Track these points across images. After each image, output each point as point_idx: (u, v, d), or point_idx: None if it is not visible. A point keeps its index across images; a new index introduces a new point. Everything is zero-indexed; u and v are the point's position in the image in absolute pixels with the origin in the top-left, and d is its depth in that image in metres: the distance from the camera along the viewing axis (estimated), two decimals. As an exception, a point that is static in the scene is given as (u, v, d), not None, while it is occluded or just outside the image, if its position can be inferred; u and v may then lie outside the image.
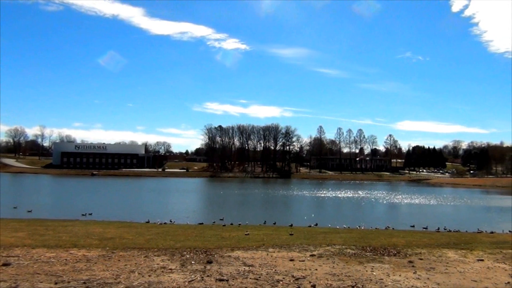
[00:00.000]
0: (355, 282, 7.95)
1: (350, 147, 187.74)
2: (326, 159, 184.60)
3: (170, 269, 8.87)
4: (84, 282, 7.59)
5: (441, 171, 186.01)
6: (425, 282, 8.15)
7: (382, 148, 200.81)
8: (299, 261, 10.10)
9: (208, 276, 8.24)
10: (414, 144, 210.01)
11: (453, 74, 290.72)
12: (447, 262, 10.34)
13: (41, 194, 60.96)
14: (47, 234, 16.28)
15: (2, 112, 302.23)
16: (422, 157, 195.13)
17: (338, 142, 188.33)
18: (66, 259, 9.88)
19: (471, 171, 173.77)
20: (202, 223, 27.53)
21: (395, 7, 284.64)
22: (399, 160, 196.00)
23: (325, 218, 34.99)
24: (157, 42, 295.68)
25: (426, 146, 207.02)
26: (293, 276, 8.38)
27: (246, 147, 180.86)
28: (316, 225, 27.75)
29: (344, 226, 27.35)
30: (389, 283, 7.96)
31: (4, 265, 8.96)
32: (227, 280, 7.93)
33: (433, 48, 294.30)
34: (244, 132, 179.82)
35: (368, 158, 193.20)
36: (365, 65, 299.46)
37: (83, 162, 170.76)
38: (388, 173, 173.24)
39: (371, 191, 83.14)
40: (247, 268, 9.15)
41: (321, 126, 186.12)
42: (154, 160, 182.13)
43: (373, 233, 20.78)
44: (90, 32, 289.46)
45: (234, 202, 56.90)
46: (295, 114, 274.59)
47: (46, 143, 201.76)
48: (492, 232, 24.44)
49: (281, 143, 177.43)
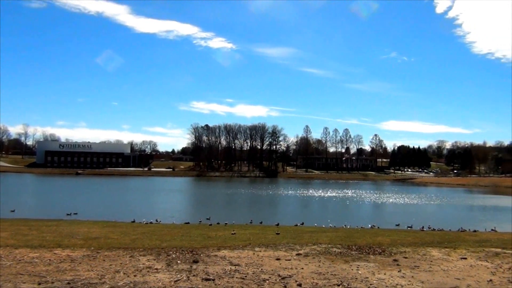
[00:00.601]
0: (341, 281, 8.00)
1: (336, 147, 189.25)
2: (313, 159, 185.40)
3: (156, 269, 8.82)
4: (68, 283, 7.50)
5: (425, 171, 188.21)
6: (409, 280, 8.24)
7: (367, 147, 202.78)
8: (285, 260, 10.13)
9: (194, 275, 8.21)
10: (399, 143, 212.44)
11: (437, 74, 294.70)
12: (431, 261, 10.47)
13: (24, 194, 60.08)
14: (31, 234, 16.04)
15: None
16: (407, 156, 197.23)
17: (324, 141, 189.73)
18: (50, 259, 9.76)
19: (455, 171, 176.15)
20: (188, 223, 27.41)
21: (381, 8, 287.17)
22: (385, 159, 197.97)
23: (311, 217, 35.14)
24: (142, 41, 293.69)
25: (411, 146, 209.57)
26: (279, 275, 8.40)
27: (233, 147, 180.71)
28: (302, 224, 27.85)
29: (330, 225, 27.50)
30: (374, 282, 8.03)
31: (-14, 265, 8.82)
32: (213, 279, 7.91)
33: (417, 48, 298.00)
34: (230, 131, 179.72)
35: (354, 158, 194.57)
36: (351, 65, 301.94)
37: (68, 161, 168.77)
38: (373, 172, 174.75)
39: (357, 191, 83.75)
40: (233, 267, 9.15)
41: (307, 126, 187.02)
42: (140, 159, 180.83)
43: (358, 232, 20.93)
44: (74, 29, 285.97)
45: (220, 201, 56.80)
46: (282, 113, 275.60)
47: (29, 142, 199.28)
48: (475, 230, 24.78)
49: (267, 143, 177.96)
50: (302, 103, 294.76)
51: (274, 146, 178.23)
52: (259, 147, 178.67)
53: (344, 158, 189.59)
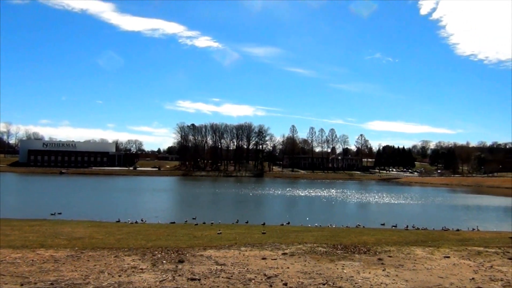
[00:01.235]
0: (326, 280, 8.05)
1: (322, 147, 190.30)
2: (299, 158, 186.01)
3: (141, 269, 8.76)
4: (51, 283, 7.41)
5: (410, 170, 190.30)
6: (393, 279, 8.33)
7: (353, 147, 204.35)
8: (271, 259, 10.15)
9: (179, 275, 8.18)
10: (384, 143, 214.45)
11: (421, 75, 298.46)
12: (415, 259, 10.59)
13: (6, 193, 59.01)
14: (13, 234, 15.81)
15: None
16: (392, 156, 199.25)
17: (310, 141, 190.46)
18: (32, 260, 9.63)
19: (439, 171, 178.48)
20: (174, 222, 27.28)
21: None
22: (370, 159, 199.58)
23: (297, 217, 35.24)
24: (127, 39, 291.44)
25: (396, 146, 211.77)
26: (265, 274, 8.41)
27: (219, 146, 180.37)
28: (288, 223, 27.92)
29: (316, 224, 27.58)
30: (359, 280, 8.10)
31: (-34, 266, 8.66)
32: (199, 279, 7.89)
33: (402, 49, 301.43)
34: (217, 130, 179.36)
35: (339, 158, 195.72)
36: (336, 65, 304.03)
37: (51, 160, 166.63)
38: (359, 172, 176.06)
39: (343, 190, 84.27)
40: (219, 267, 9.14)
41: (293, 126, 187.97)
42: (125, 158, 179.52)
43: (344, 231, 21.07)
44: (57, 27, 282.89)
45: (206, 201, 56.64)
46: (268, 113, 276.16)
47: (12, 141, 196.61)
48: (458, 230, 25.11)
49: (254, 142, 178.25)
50: (288, 103, 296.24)
51: (261, 146, 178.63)
52: (246, 147, 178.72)
53: (330, 158, 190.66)
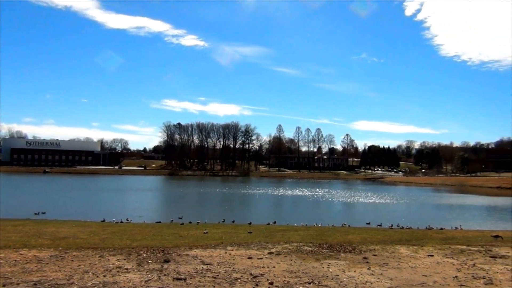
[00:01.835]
0: (312, 279, 8.09)
1: (308, 146, 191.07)
2: (285, 158, 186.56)
3: (126, 268, 8.70)
4: (34, 284, 7.31)
5: (394, 170, 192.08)
6: (378, 278, 8.40)
7: (339, 147, 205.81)
8: (257, 258, 10.16)
9: (165, 275, 8.14)
10: (369, 143, 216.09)
11: (406, 76, 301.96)
12: (400, 258, 10.71)
13: (-12, 193, 58.03)
14: (-5, 234, 15.55)
15: None
16: (377, 156, 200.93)
17: (297, 141, 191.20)
18: (15, 260, 9.49)
19: (423, 170, 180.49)
20: (159, 222, 27.13)
21: (351, 10, 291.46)
22: (356, 159, 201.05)
23: (283, 216, 35.34)
24: (113, 36, 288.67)
25: (381, 146, 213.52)
26: (251, 273, 8.42)
27: (206, 145, 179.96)
28: (274, 223, 27.96)
29: (302, 223, 27.66)
30: (344, 279, 8.15)
31: None
32: (185, 279, 7.86)
33: (387, 50, 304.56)
34: (203, 130, 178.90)
35: (325, 157, 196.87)
36: (322, 65, 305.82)
37: (35, 159, 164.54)
38: (345, 171, 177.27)
39: (329, 189, 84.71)
40: (205, 266, 9.12)
41: (280, 125, 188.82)
42: (110, 157, 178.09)
43: (330, 230, 21.18)
44: (41, 24, 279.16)
45: (192, 200, 56.42)
46: (254, 112, 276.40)
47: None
48: (441, 228, 25.44)
49: (240, 142, 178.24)
50: (274, 103, 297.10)
51: (247, 145, 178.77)
52: (232, 146, 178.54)
53: (316, 157, 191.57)
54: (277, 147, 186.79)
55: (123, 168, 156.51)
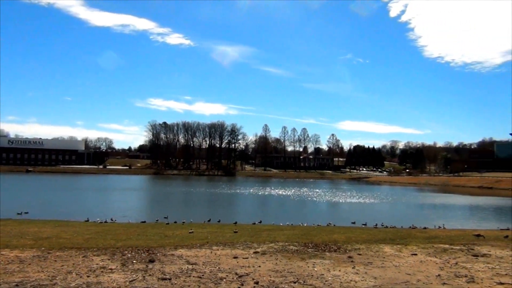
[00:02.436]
0: (297, 278, 8.12)
1: (294, 146, 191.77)
2: (271, 157, 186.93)
3: (110, 269, 8.62)
4: (16, 285, 7.19)
5: (379, 170, 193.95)
6: (363, 276, 8.47)
7: (325, 147, 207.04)
8: (243, 258, 10.16)
9: (150, 275, 8.09)
10: (355, 143, 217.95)
11: (390, 76, 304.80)
12: (384, 257, 10.81)
13: (-31, 192, 56.93)
14: (-24, 234, 15.26)
15: None
16: (362, 156, 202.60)
17: (283, 140, 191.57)
18: (-4, 261, 9.32)
19: (407, 170, 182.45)
20: (144, 222, 26.94)
21: (336, 9, 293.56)
22: (341, 158, 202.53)
23: (269, 216, 35.38)
24: (97, 34, 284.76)
25: (366, 146, 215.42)
26: (236, 273, 8.42)
27: (191, 145, 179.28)
28: (260, 222, 27.98)
29: (287, 223, 27.71)
30: (329, 278, 8.20)
31: None
32: (170, 279, 7.82)
33: (372, 51, 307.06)
34: (189, 129, 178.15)
35: (311, 157, 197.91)
36: (308, 65, 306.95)
37: (17, 158, 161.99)
38: (330, 171, 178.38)
39: (314, 189, 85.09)
40: (191, 266, 9.09)
41: (266, 125, 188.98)
42: (94, 156, 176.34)
43: (315, 229, 21.27)
44: (24, 21, 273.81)
45: (178, 200, 56.16)
46: (240, 112, 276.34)
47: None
48: (425, 227, 25.70)
49: (226, 141, 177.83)
50: (261, 102, 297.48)
51: (233, 145, 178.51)
52: (218, 146, 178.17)
53: (302, 157, 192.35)
54: (263, 147, 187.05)
55: (108, 167, 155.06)
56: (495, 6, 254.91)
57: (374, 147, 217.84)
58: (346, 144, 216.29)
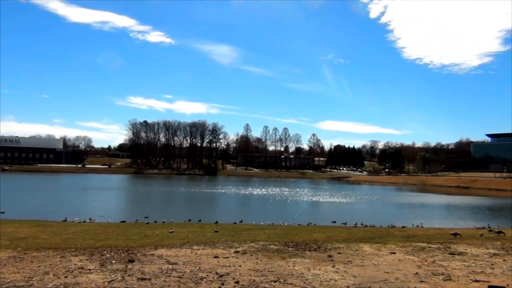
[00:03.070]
0: (278, 277, 8.14)
1: (275, 145, 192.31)
2: (253, 157, 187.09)
3: (89, 269, 8.50)
4: (-9, 286, 7.03)
5: (359, 170, 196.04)
6: (342, 275, 8.55)
7: (306, 146, 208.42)
8: (224, 258, 10.14)
9: (129, 275, 8.00)
10: (335, 143, 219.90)
11: (370, 77, 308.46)
12: (363, 256, 10.93)
13: None
14: (-51, 235, 14.87)
15: None
16: (342, 156, 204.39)
17: (264, 140, 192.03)
18: (-30, 262, 9.09)
19: (386, 170, 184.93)
20: (124, 221, 26.66)
21: (318, 10, 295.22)
22: (322, 158, 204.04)
23: (250, 215, 35.40)
24: (76, 31, 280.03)
25: (347, 146, 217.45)
26: (217, 273, 8.40)
27: (172, 144, 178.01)
28: (241, 222, 27.99)
29: (268, 222, 27.80)
30: (309, 277, 8.25)
31: None
32: (149, 279, 7.76)
33: (352, 51, 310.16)
34: (170, 128, 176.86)
35: (292, 156, 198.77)
36: (290, 65, 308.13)
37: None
38: (311, 171, 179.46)
39: (295, 189, 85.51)
40: (171, 266, 9.02)
41: (247, 124, 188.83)
42: (73, 155, 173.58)
43: (296, 229, 21.39)
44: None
45: (158, 199, 55.72)
46: (222, 111, 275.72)
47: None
48: (403, 226, 26.09)
49: (208, 140, 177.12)
50: (242, 101, 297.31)
51: (214, 144, 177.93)
52: (199, 145, 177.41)
53: (283, 157, 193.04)
54: (244, 146, 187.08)
55: (87, 166, 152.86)
56: (473, 9, 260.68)
57: (354, 147, 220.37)
58: (327, 144, 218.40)
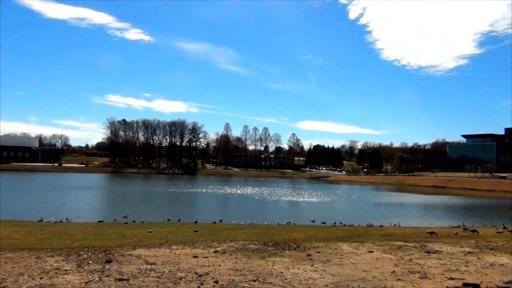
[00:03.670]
0: (257, 277, 8.15)
1: (255, 145, 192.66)
2: (232, 156, 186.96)
3: (65, 270, 8.35)
4: (-38, 288, 6.84)
5: (338, 169, 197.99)
6: (321, 274, 8.61)
7: (286, 146, 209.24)
8: (203, 257, 10.10)
9: (107, 276, 7.89)
10: (315, 143, 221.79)
11: (349, 77, 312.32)
12: (342, 255, 11.04)
13: None
14: None
15: None
16: (322, 155, 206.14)
17: (244, 139, 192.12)
18: None
19: (365, 169, 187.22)
20: (102, 221, 26.31)
21: (297, 10, 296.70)
22: (301, 158, 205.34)
23: (230, 215, 35.39)
24: (52, 27, 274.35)
25: (326, 145, 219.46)
26: (196, 272, 8.36)
27: (151, 143, 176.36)
28: (221, 221, 27.95)
29: (248, 222, 27.85)
30: (288, 276, 8.29)
31: None
32: (128, 279, 7.67)
33: (331, 52, 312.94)
34: (149, 126, 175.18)
35: (272, 156, 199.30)
36: (269, 64, 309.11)
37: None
38: (291, 170, 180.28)
39: (275, 188, 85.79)
40: (149, 266, 8.94)
41: (227, 123, 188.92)
42: (49, 154, 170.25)
43: (275, 228, 21.47)
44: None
45: (137, 199, 55.16)
46: (201, 110, 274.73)
47: None
48: (381, 225, 26.46)
49: (187, 139, 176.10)
50: (222, 101, 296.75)
51: (194, 143, 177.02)
52: (179, 144, 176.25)
53: (263, 156, 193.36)
54: (224, 146, 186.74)
55: (63, 165, 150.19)
56: (449, 12, 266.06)
57: (333, 147, 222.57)
58: (307, 143, 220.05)
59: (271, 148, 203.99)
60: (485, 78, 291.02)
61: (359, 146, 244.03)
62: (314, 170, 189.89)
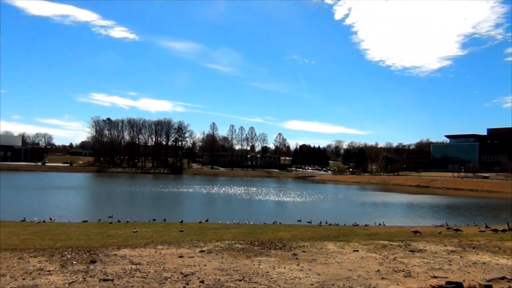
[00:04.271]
0: (243, 276, 8.16)
1: (242, 144, 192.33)
2: (219, 156, 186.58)
3: (49, 270, 8.24)
4: None
5: (324, 169, 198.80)
6: (307, 273, 8.66)
7: (272, 146, 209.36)
8: (189, 257, 10.07)
9: (91, 276, 7.82)
10: (301, 143, 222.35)
11: (335, 77, 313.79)
12: (327, 254, 11.11)
13: None
14: None
15: None
16: (308, 155, 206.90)
17: (230, 139, 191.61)
18: None
19: (350, 169, 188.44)
20: (86, 221, 26.02)
21: (283, 10, 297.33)
22: (288, 157, 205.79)
23: (216, 214, 35.29)
24: (35, 24, 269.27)
25: (312, 145, 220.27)
26: (181, 272, 8.33)
27: (137, 142, 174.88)
28: (207, 221, 27.85)
29: (234, 221, 27.81)
30: (274, 276, 8.31)
31: None
32: (112, 279, 7.60)
33: (317, 52, 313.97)
34: (134, 126, 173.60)
35: (258, 156, 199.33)
36: (256, 64, 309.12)
37: None
38: (277, 170, 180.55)
39: (261, 188, 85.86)
40: (134, 266, 8.88)
41: (214, 123, 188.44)
42: (32, 153, 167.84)
43: (261, 228, 21.49)
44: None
45: (122, 198, 54.69)
46: (187, 109, 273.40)
47: None
48: (366, 225, 26.68)
49: (173, 139, 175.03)
50: (208, 100, 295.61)
51: (180, 142, 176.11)
52: (165, 143, 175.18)
53: (249, 156, 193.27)
54: (210, 145, 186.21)
55: (47, 164, 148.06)
56: (433, 14, 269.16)
57: (319, 147, 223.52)
58: (293, 143, 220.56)
59: (258, 147, 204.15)
60: (468, 79, 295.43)
61: (345, 146, 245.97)
62: (300, 169, 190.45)
